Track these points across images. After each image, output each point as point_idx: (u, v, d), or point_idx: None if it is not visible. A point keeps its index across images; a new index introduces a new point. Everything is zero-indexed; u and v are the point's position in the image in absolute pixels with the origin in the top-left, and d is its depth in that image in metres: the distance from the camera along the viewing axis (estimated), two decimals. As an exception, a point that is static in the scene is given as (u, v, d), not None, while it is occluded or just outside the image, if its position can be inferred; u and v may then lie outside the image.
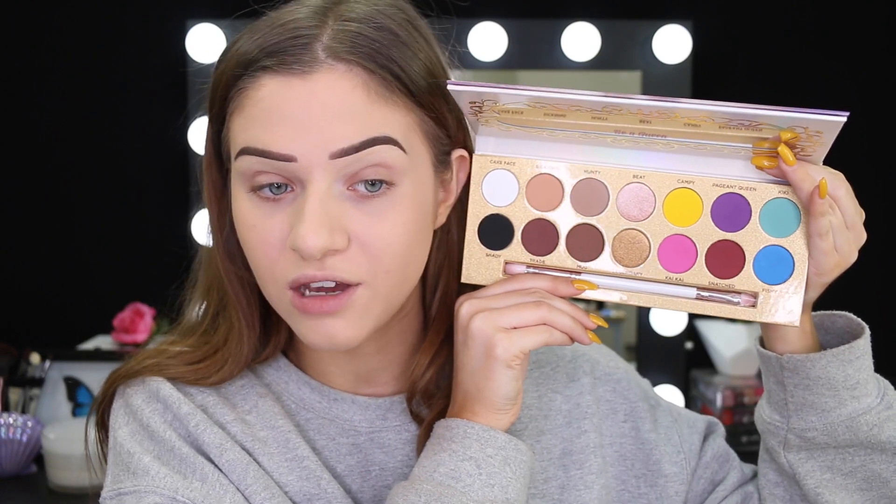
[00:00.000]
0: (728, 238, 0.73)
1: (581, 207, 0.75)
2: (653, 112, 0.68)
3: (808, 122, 0.65)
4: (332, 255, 0.68)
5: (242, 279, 0.77)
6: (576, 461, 0.83)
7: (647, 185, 0.74)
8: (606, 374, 0.89)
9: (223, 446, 0.74)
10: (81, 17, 2.09)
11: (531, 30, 2.01)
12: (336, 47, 0.68)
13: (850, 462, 0.77)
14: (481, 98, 0.69)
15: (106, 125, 2.11)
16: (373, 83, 0.68)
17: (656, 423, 0.87)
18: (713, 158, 0.73)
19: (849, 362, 0.74)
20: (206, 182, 0.78)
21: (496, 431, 0.72)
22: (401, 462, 0.79)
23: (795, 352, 0.75)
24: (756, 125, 0.69)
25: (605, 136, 0.73)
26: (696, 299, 0.74)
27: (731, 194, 0.73)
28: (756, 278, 0.73)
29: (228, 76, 0.71)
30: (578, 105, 0.68)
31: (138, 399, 0.77)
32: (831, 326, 0.79)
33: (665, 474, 0.85)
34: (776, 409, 0.79)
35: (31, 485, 1.73)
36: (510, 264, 0.75)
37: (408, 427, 0.80)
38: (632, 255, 0.74)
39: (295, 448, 0.76)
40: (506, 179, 0.75)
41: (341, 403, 0.80)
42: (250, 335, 0.78)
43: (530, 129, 0.73)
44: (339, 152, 0.67)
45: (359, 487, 0.78)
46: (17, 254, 2.13)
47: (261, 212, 0.70)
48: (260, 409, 0.78)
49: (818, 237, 0.71)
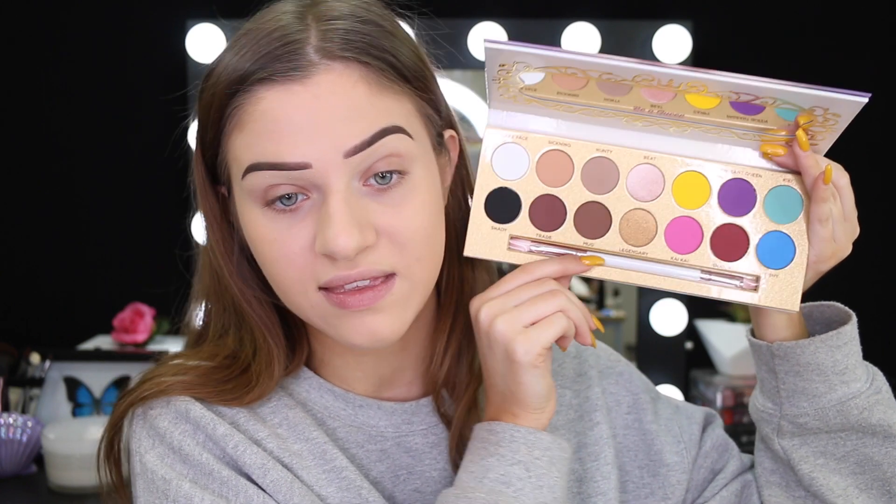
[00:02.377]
0: (733, 222, 0.74)
1: (590, 185, 0.75)
2: (666, 96, 0.69)
3: (831, 101, 0.66)
4: (363, 252, 0.68)
5: (261, 300, 0.76)
6: (591, 453, 0.83)
7: (656, 166, 0.75)
8: (609, 367, 0.90)
9: (265, 466, 0.72)
10: (82, 17, 2.09)
11: (531, 30, 2.01)
12: (328, 47, 0.68)
13: (842, 446, 0.79)
14: (514, 60, 0.69)
15: (106, 125, 2.11)
16: (372, 76, 0.68)
17: (657, 415, 0.88)
18: (723, 145, 0.74)
19: (837, 348, 0.76)
20: (204, 211, 0.76)
21: (541, 433, 0.72)
22: (429, 465, 0.79)
23: (785, 339, 0.77)
24: (761, 119, 0.70)
25: (618, 117, 0.73)
26: (700, 281, 0.74)
27: (737, 179, 0.74)
28: (759, 262, 0.74)
29: (221, 96, 0.69)
30: (611, 72, 0.68)
31: (164, 421, 0.73)
32: (819, 317, 0.80)
33: (667, 464, 0.86)
34: (769, 397, 0.80)
35: (31, 485, 1.73)
36: (515, 239, 0.75)
37: (434, 430, 0.80)
38: (638, 234, 0.75)
39: (332, 459, 0.75)
40: (516, 153, 0.75)
41: (367, 410, 0.79)
42: (279, 354, 0.76)
43: (545, 102, 0.73)
44: (353, 150, 0.67)
45: (389, 494, 0.77)
46: (18, 254, 2.13)
47: (279, 225, 0.69)
48: (291, 421, 0.76)
49: (819, 223, 0.72)
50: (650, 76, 0.67)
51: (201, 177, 0.75)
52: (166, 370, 0.77)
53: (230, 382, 0.76)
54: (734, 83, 0.67)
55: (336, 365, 0.80)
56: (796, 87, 0.66)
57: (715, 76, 0.67)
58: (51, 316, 2.11)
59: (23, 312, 2.11)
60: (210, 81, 0.71)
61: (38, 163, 2.12)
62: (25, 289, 2.13)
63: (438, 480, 0.79)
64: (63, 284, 2.13)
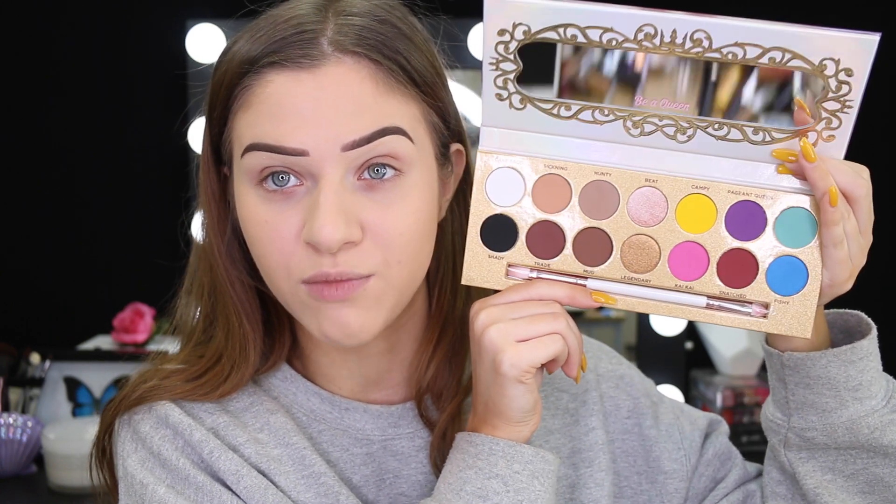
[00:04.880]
0: (741, 247, 0.70)
1: (589, 210, 0.72)
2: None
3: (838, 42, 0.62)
4: (347, 248, 0.68)
5: (245, 283, 0.77)
6: (585, 459, 0.83)
7: (659, 189, 0.71)
8: (609, 370, 0.88)
9: (239, 472, 0.72)
10: (82, 17, 2.08)
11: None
12: (342, 41, 0.68)
13: (851, 464, 0.76)
14: (513, 21, 0.65)
15: (106, 125, 2.11)
16: (380, 75, 0.69)
17: (658, 420, 0.87)
18: (732, 160, 0.70)
19: (851, 363, 0.72)
20: (203, 187, 0.76)
21: (522, 446, 0.70)
22: (415, 469, 0.79)
23: (799, 349, 0.74)
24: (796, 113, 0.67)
25: (619, 120, 0.70)
26: (706, 308, 0.71)
27: (746, 202, 0.70)
28: (769, 289, 0.70)
29: (232, 74, 0.70)
30: (611, 26, 0.64)
31: (146, 426, 0.75)
32: (843, 325, 0.77)
33: (665, 471, 0.85)
34: (778, 407, 0.78)
35: (31, 485, 1.73)
36: (513, 267, 0.72)
37: (420, 434, 0.80)
38: (641, 261, 0.71)
39: (311, 465, 0.75)
40: (511, 178, 0.72)
41: (353, 413, 0.79)
42: (256, 339, 0.77)
43: (541, 108, 0.70)
44: (351, 144, 0.67)
45: (374, 497, 0.77)
46: (18, 254, 2.13)
47: (272, 207, 0.69)
48: (272, 426, 0.76)
49: (832, 247, 0.68)
50: (653, 30, 0.64)
51: (206, 154, 0.76)
52: (150, 374, 0.78)
53: (204, 375, 0.76)
54: (739, 26, 0.64)
55: (322, 362, 0.80)
56: (801, 28, 0.63)
57: (720, 20, 0.63)
58: (51, 316, 2.11)
59: (23, 312, 2.11)
60: (225, 59, 0.72)
61: (37, 163, 2.12)
62: (25, 289, 2.13)
63: (424, 484, 0.78)
64: (63, 284, 2.13)
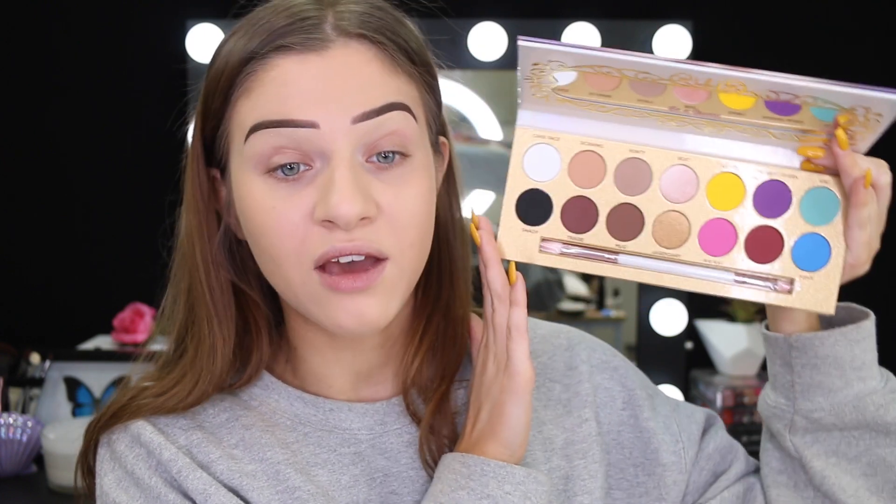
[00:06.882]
0: (768, 224, 0.74)
1: (623, 186, 0.75)
2: (700, 96, 0.69)
3: (874, 100, 0.66)
4: (363, 224, 0.68)
5: (223, 290, 0.75)
6: (579, 450, 0.82)
7: (690, 167, 0.74)
8: (604, 361, 0.88)
9: (207, 491, 0.72)
10: (82, 17, 2.09)
11: (531, 30, 2.01)
12: (345, 25, 0.69)
13: (854, 446, 0.78)
14: (548, 59, 0.68)
15: (106, 125, 2.11)
16: (385, 56, 0.70)
17: (655, 412, 0.86)
18: (758, 145, 0.74)
19: (856, 342, 0.75)
20: (191, 188, 0.75)
21: (513, 467, 0.71)
22: (405, 465, 0.78)
23: (803, 332, 0.76)
24: (797, 119, 0.69)
25: (651, 117, 0.73)
26: (734, 283, 0.74)
27: (773, 181, 0.74)
28: (794, 265, 0.73)
29: (234, 63, 0.70)
30: (647, 71, 0.67)
31: (121, 445, 0.75)
32: (834, 318, 0.79)
33: (663, 463, 0.84)
34: (781, 393, 0.79)
35: (31, 485, 1.73)
36: (547, 241, 0.75)
37: (408, 429, 0.79)
38: (671, 236, 0.74)
39: (286, 479, 0.74)
40: (548, 154, 0.75)
41: (338, 413, 0.79)
42: (224, 349, 0.75)
43: (577, 103, 0.73)
44: (361, 116, 0.67)
45: (366, 497, 0.77)
46: (18, 254, 2.13)
47: (279, 193, 0.69)
48: (247, 441, 0.76)
49: (858, 228, 0.71)
50: (687, 75, 0.67)
51: (196, 154, 0.74)
52: (126, 392, 0.78)
53: (174, 388, 0.76)
54: (774, 82, 0.66)
55: (315, 362, 0.79)
56: (838, 85, 0.65)
57: (755, 75, 0.66)
58: (51, 316, 2.10)
59: (23, 312, 2.11)
60: (221, 53, 0.72)
61: (38, 163, 2.12)
62: (25, 289, 2.13)
63: (416, 480, 0.78)
64: (63, 284, 2.13)
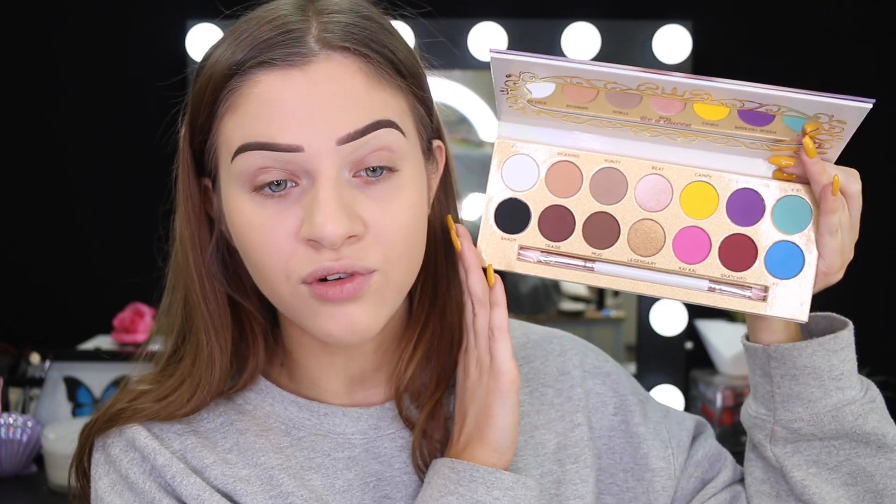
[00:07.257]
0: (741, 232, 0.75)
1: (599, 196, 0.76)
2: (675, 107, 0.70)
3: (835, 107, 0.67)
4: (350, 243, 0.68)
5: (218, 299, 0.75)
6: (570, 455, 0.83)
7: (665, 177, 0.76)
8: (596, 367, 0.88)
9: (201, 497, 0.72)
10: (82, 17, 2.09)
11: (531, 30, 2.01)
12: (329, 37, 0.68)
13: (835, 456, 0.78)
14: (520, 70, 0.70)
15: (106, 125, 2.11)
16: (370, 69, 0.69)
17: (646, 418, 0.87)
18: (731, 155, 0.75)
19: (833, 352, 0.75)
20: (183, 199, 0.75)
21: (502, 473, 0.72)
22: (399, 470, 0.79)
23: (782, 342, 0.77)
24: (770, 129, 0.70)
25: (626, 127, 0.74)
26: (708, 291, 0.75)
27: (746, 189, 0.75)
28: (767, 272, 0.74)
29: (217, 78, 0.69)
30: (615, 81, 0.68)
31: (116, 449, 0.75)
32: (815, 328, 0.80)
33: (652, 469, 0.84)
34: (762, 403, 0.79)
35: (31, 485, 1.73)
36: (525, 249, 0.76)
37: (401, 434, 0.80)
38: (647, 244, 0.75)
39: (279, 484, 0.75)
40: (526, 164, 0.77)
41: (332, 417, 0.79)
42: (222, 358, 0.75)
43: (554, 114, 0.74)
44: (346, 137, 0.67)
45: (359, 501, 0.77)
46: (18, 254, 2.13)
47: (266, 210, 0.69)
48: (241, 446, 0.76)
49: (828, 235, 0.73)
50: (654, 84, 0.68)
51: (186, 164, 0.74)
52: (122, 396, 0.78)
53: (170, 395, 0.76)
54: (737, 90, 0.67)
55: (311, 366, 0.80)
56: (799, 93, 0.66)
57: (718, 84, 0.67)
58: (51, 316, 2.11)
59: (23, 312, 2.11)
60: (207, 64, 0.71)
61: (38, 163, 2.12)
62: (25, 289, 2.13)
63: (409, 485, 0.78)
64: (63, 284, 2.13)
